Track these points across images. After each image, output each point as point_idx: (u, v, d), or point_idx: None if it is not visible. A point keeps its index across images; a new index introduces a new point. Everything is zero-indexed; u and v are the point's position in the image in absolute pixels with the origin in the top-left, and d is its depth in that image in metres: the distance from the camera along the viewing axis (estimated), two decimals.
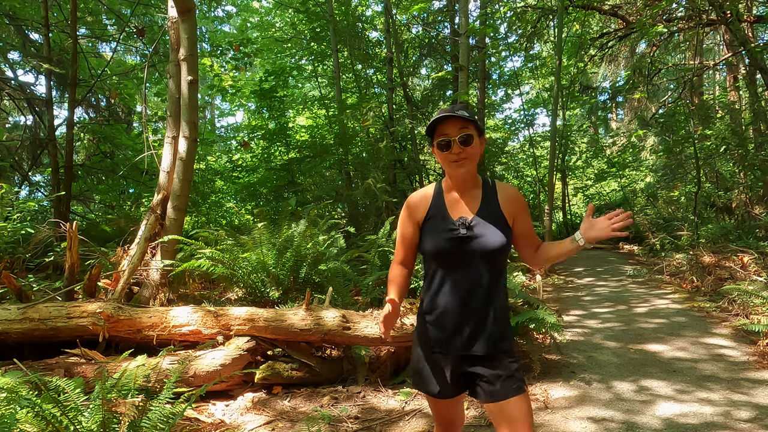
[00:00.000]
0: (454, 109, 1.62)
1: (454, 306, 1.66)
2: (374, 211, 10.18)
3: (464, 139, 1.61)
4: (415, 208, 1.76)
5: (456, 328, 1.66)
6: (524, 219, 1.72)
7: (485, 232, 1.63)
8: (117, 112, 10.72)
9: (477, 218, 1.66)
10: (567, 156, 14.95)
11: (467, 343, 1.65)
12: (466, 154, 1.62)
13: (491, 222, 1.65)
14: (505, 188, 1.74)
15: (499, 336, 1.66)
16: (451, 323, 1.66)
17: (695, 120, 10.90)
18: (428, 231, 1.71)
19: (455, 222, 1.65)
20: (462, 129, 1.61)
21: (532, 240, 1.76)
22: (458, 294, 1.65)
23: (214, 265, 4.43)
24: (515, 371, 1.63)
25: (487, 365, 1.64)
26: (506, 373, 1.61)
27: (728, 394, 3.33)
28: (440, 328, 1.69)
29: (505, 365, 1.63)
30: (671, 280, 7.58)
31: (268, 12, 17.32)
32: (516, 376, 1.62)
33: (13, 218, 5.83)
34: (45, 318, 3.66)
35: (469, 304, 1.64)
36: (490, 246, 1.61)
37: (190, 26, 5.02)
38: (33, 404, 2.05)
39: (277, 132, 11.15)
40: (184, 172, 5.09)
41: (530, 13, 11.89)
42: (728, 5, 8.66)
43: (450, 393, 1.71)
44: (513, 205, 1.70)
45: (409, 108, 11.87)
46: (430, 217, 1.72)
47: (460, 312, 1.65)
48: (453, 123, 1.61)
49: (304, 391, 3.56)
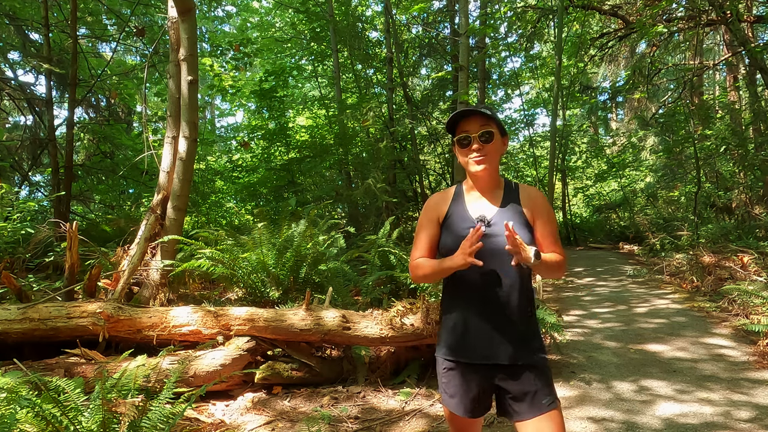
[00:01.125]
0: (477, 106, 1.58)
1: (474, 308, 1.58)
2: (374, 211, 10.18)
3: (485, 135, 1.57)
4: (435, 207, 1.71)
5: (478, 332, 1.57)
6: (543, 223, 1.63)
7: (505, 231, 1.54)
8: (117, 112, 10.73)
9: (498, 216, 1.59)
10: (567, 156, 14.95)
11: (489, 349, 1.55)
12: (486, 151, 1.57)
13: (512, 221, 1.55)
14: (528, 189, 1.68)
15: (525, 342, 1.55)
16: (471, 327, 1.58)
17: (695, 120, 10.90)
18: (447, 229, 1.65)
19: (475, 220, 1.60)
20: (483, 126, 1.57)
21: (546, 247, 1.63)
22: (477, 295, 1.58)
23: (214, 265, 4.43)
24: (545, 386, 1.53)
25: (515, 378, 1.54)
26: (535, 388, 1.52)
27: (728, 394, 3.33)
28: (460, 333, 1.60)
29: (534, 378, 1.53)
30: (671, 280, 7.58)
31: (268, 12, 17.33)
32: (546, 391, 1.52)
33: (13, 218, 5.84)
34: (45, 318, 3.66)
35: (488, 306, 1.56)
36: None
37: (190, 26, 5.02)
38: (33, 404, 2.05)
39: (277, 132, 11.16)
40: (184, 172, 5.09)
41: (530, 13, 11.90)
42: (728, 5, 8.66)
43: (474, 411, 1.60)
44: (534, 206, 1.63)
45: (409, 108, 11.88)
46: (449, 215, 1.66)
47: (479, 315, 1.57)
48: (474, 119, 1.58)
49: (304, 391, 3.56)
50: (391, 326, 3.56)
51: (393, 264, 5.08)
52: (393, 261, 5.08)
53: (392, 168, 11.29)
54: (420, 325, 3.52)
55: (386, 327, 3.57)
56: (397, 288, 5.08)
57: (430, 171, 14.50)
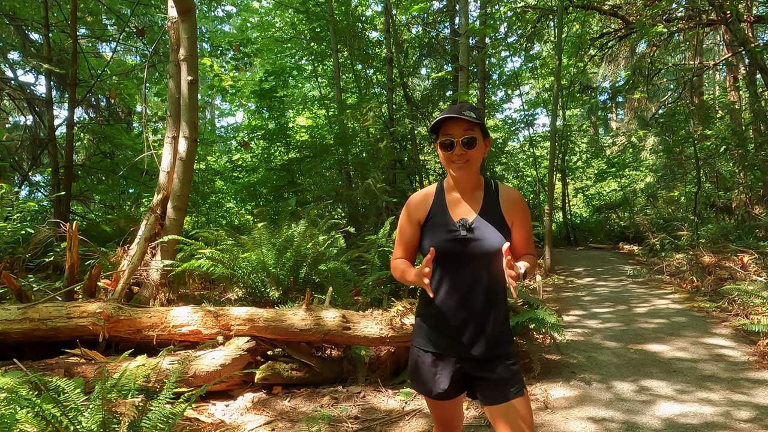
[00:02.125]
0: (461, 109, 1.60)
1: (453, 307, 1.65)
2: (374, 211, 10.18)
3: (468, 141, 1.59)
4: (415, 209, 1.75)
5: (455, 330, 1.65)
6: (520, 225, 1.70)
7: (486, 234, 1.62)
8: (117, 112, 10.72)
9: (478, 220, 1.65)
10: (567, 156, 14.95)
11: (466, 345, 1.64)
12: (468, 156, 1.61)
13: (492, 224, 1.64)
14: (507, 191, 1.73)
15: (499, 338, 1.65)
16: (450, 324, 1.66)
17: (695, 120, 10.90)
18: (428, 231, 1.70)
19: (456, 223, 1.65)
20: (467, 131, 1.60)
21: (521, 250, 1.72)
22: (457, 295, 1.65)
23: (214, 265, 4.42)
24: (515, 374, 1.63)
25: (487, 368, 1.64)
26: (506, 376, 1.62)
27: (728, 394, 3.33)
28: (439, 329, 1.68)
29: (504, 367, 1.63)
30: (671, 280, 7.58)
31: (268, 12, 17.33)
32: (515, 379, 1.62)
33: (13, 218, 5.83)
34: (45, 318, 3.66)
35: (468, 306, 1.64)
36: (490, 248, 1.61)
37: (190, 26, 5.03)
38: (33, 404, 2.05)
39: (277, 132, 11.16)
40: (184, 172, 5.09)
41: (530, 13, 11.89)
42: (728, 5, 8.66)
43: (448, 394, 1.70)
44: (513, 208, 1.69)
45: (409, 108, 11.88)
46: (431, 217, 1.71)
47: (459, 314, 1.64)
48: (458, 123, 1.60)
49: (304, 391, 3.56)
50: (391, 326, 3.56)
51: None
52: None
53: (392, 168, 11.28)
54: None
55: (386, 327, 3.57)
56: (397, 288, 5.08)
57: (430, 171, 14.50)
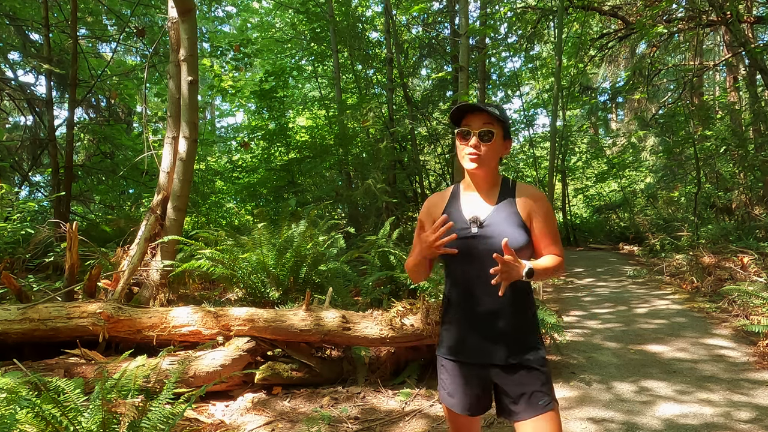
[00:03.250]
0: (488, 104, 1.57)
1: (468, 309, 1.59)
2: (374, 212, 10.18)
3: (485, 134, 1.55)
4: (432, 208, 1.72)
5: (473, 332, 1.58)
6: (540, 223, 1.61)
7: (498, 232, 1.54)
8: (117, 112, 10.73)
9: (491, 217, 1.58)
10: (567, 157, 14.96)
11: (485, 349, 1.56)
12: (482, 150, 1.56)
13: (506, 221, 1.57)
14: (525, 188, 1.66)
15: (521, 344, 1.56)
16: (467, 327, 1.59)
17: (695, 121, 10.90)
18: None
19: (467, 221, 1.60)
20: (486, 124, 1.55)
21: (543, 247, 1.63)
22: (472, 297, 1.58)
23: (214, 266, 4.42)
24: (542, 385, 1.53)
25: (511, 378, 1.54)
26: (532, 389, 1.52)
27: (728, 394, 3.33)
28: (458, 333, 1.62)
29: (530, 378, 1.53)
30: (671, 280, 7.58)
31: (268, 12, 17.32)
32: (543, 391, 1.52)
33: (13, 218, 5.84)
34: (45, 318, 3.66)
35: (483, 307, 1.56)
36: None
37: (190, 27, 5.03)
38: (33, 404, 2.05)
39: (277, 132, 11.17)
40: (184, 172, 5.09)
41: (530, 13, 11.90)
42: (728, 6, 8.66)
43: (473, 410, 1.61)
44: (530, 206, 1.61)
45: (409, 108, 11.88)
46: (444, 215, 1.66)
47: (474, 315, 1.58)
48: (480, 116, 1.56)
49: (304, 391, 3.56)
50: (391, 327, 3.56)
51: (393, 264, 5.08)
52: (393, 261, 5.08)
53: (392, 168, 11.29)
54: (420, 326, 3.53)
55: (386, 327, 3.57)
56: (397, 288, 5.08)
57: (430, 171, 14.50)
